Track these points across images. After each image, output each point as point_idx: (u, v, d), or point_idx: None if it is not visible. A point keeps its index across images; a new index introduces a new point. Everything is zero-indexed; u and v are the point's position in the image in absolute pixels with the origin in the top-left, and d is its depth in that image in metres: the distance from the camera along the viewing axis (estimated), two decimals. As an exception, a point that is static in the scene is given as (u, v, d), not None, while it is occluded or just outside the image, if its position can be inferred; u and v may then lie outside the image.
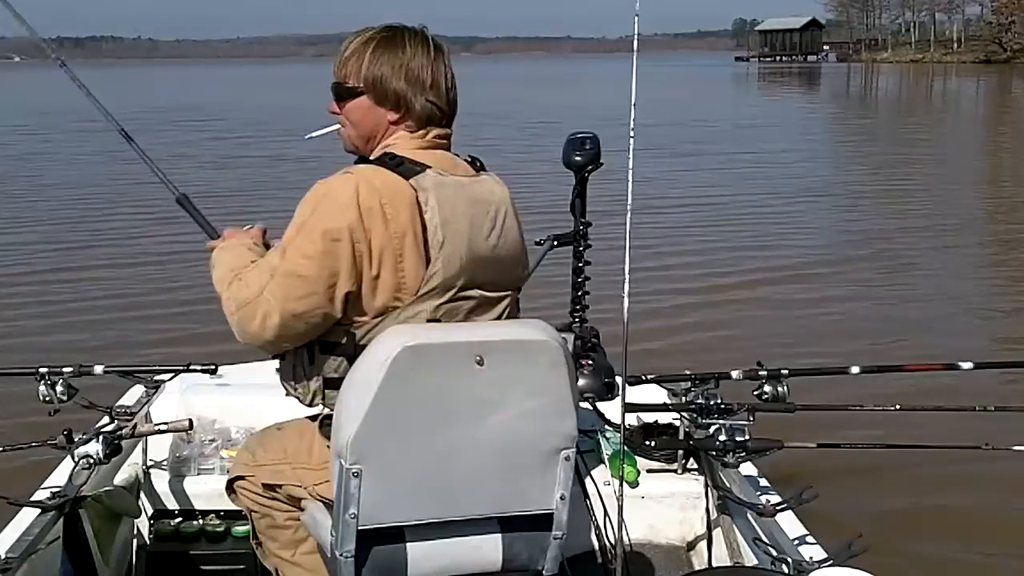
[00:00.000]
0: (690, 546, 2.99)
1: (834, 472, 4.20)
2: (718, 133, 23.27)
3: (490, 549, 2.05)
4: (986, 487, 4.39)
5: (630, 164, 2.08)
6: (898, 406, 3.15)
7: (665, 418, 3.03)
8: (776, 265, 9.22)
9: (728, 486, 2.63)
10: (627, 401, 2.38)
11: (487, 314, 2.12)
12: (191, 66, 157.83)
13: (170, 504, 2.96)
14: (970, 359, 3.20)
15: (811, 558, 2.22)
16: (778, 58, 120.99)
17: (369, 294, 2.01)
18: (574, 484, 2.12)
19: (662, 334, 6.84)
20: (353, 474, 1.91)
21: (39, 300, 7.97)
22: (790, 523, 2.46)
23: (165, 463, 3.01)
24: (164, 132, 21.82)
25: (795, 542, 2.35)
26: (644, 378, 3.02)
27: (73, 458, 2.53)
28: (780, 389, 2.93)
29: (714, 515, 2.72)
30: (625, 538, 2.39)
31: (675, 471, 3.02)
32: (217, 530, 2.92)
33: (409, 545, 2.00)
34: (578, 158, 3.17)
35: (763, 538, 2.32)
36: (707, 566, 2.69)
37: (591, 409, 2.96)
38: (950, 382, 4.92)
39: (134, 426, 2.70)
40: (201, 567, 2.91)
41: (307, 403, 2.16)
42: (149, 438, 2.91)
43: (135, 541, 2.90)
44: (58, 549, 2.39)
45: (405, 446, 1.93)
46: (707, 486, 2.79)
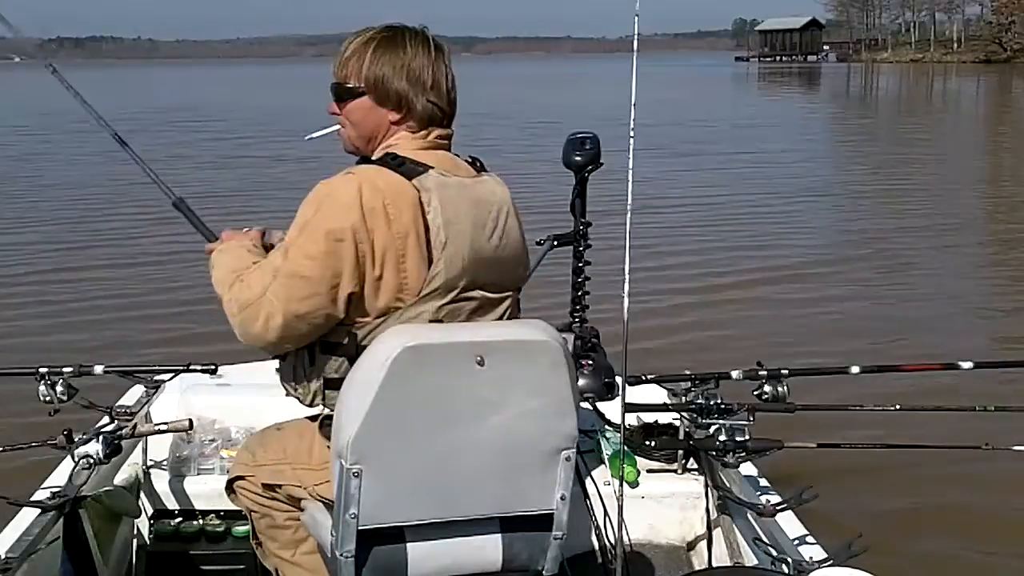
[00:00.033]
0: (690, 546, 2.99)
1: (834, 472, 4.20)
2: (718, 133, 23.26)
3: (490, 549, 2.05)
4: (986, 487, 4.39)
5: (630, 164, 2.08)
6: (898, 406, 3.15)
7: (665, 418, 3.03)
8: (776, 265, 9.22)
9: (728, 486, 2.63)
10: (627, 401, 2.37)
11: (488, 315, 2.12)
12: (191, 66, 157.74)
13: (170, 504, 2.96)
14: (970, 359, 3.21)
15: (811, 558, 2.22)
16: (778, 58, 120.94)
17: (371, 295, 2.00)
18: (574, 484, 2.11)
19: (662, 333, 6.84)
20: (353, 474, 1.91)
21: (39, 300, 7.98)
22: (790, 523, 2.46)
23: (165, 463, 3.01)
24: (164, 132, 21.82)
25: (795, 542, 2.35)
26: (644, 378, 3.02)
27: (73, 458, 2.53)
28: (780, 389, 2.94)
29: (714, 515, 2.72)
30: (625, 538, 2.39)
31: (675, 471, 3.02)
32: (217, 530, 2.92)
33: (409, 545, 2.00)
34: (578, 158, 3.17)
35: (763, 538, 2.32)
36: (707, 566, 2.69)
37: (591, 409, 2.96)
38: (950, 382, 4.92)
39: (134, 426, 2.71)
40: (201, 567, 2.91)
41: (307, 403, 2.15)
42: (149, 438, 2.91)
43: (135, 541, 2.90)
44: (58, 549, 2.39)
45: (405, 446, 1.93)
46: (707, 486, 2.79)
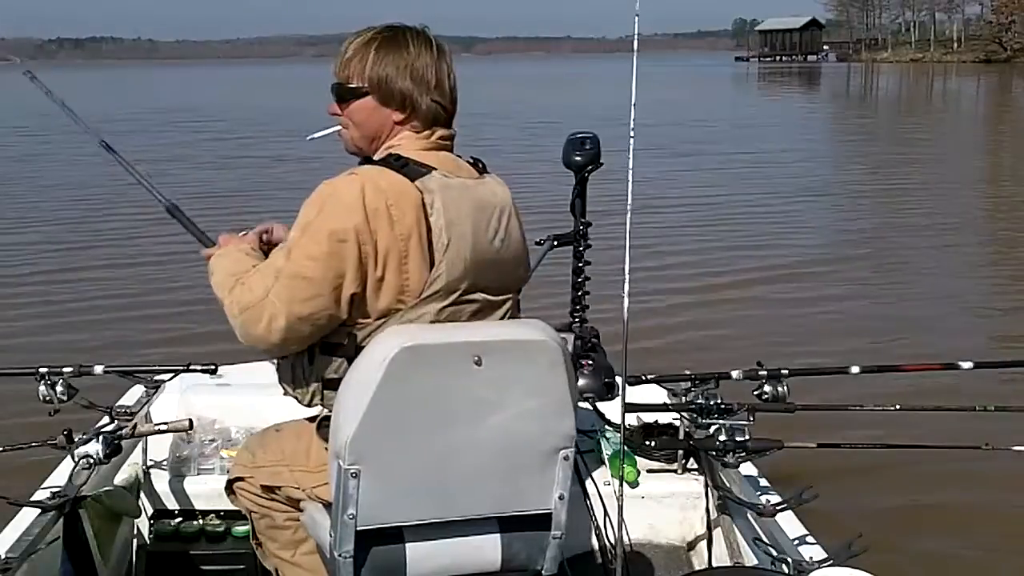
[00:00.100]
0: (690, 546, 2.99)
1: (834, 472, 4.20)
2: (718, 133, 23.26)
3: (489, 549, 2.05)
4: (986, 486, 4.39)
5: (630, 164, 2.08)
6: (898, 406, 3.15)
7: (665, 418, 3.03)
8: (776, 264, 9.22)
9: (728, 486, 2.63)
10: (627, 401, 2.37)
11: (489, 317, 2.11)
12: (191, 67, 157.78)
13: (170, 504, 2.96)
14: (970, 359, 3.20)
15: (811, 558, 2.22)
16: (778, 58, 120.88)
17: (373, 296, 2.00)
18: (574, 484, 2.11)
19: (662, 333, 6.85)
20: (351, 474, 1.91)
21: (40, 300, 7.98)
22: (790, 523, 2.46)
23: (165, 463, 3.01)
24: (164, 133, 21.77)
25: (795, 542, 2.35)
26: (644, 378, 3.02)
27: (73, 458, 2.53)
28: (780, 389, 2.93)
29: (714, 515, 2.72)
30: (625, 538, 2.39)
31: (675, 471, 3.02)
32: (217, 530, 2.92)
33: (408, 545, 2.00)
34: (578, 158, 3.17)
35: (763, 538, 2.32)
36: (707, 566, 2.69)
37: (591, 409, 2.96)
38: (950, 382, 4.92)
39: (134, 426, 2.71)
40: (201, 567, 2.90)
41: (306, 404, 2.15)
42: (149, 438, 2.91)
43: (135, 541, 2.90)
44: (58, 549, 2.39)
45: (403, 446, 1.93)
46: (707, 486, 2.79)
